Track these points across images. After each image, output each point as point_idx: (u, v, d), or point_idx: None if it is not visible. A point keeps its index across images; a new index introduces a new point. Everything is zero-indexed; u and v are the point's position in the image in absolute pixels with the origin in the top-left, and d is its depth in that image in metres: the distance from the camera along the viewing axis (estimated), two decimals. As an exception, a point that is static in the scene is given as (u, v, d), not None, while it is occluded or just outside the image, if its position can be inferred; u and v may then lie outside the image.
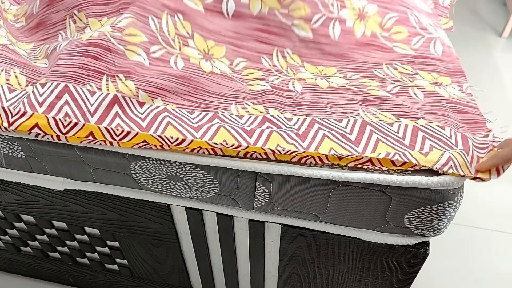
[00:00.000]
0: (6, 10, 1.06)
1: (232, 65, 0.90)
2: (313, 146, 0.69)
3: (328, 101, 0.81)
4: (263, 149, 0.67)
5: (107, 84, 0.77)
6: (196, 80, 0.83)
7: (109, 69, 0.79)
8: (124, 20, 0.85)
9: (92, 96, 0.75)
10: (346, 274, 0.86)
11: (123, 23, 0.84)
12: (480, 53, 2.22)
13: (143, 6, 0.88)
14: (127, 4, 0.91)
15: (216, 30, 0.94)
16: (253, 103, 0.81)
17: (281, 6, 0.95)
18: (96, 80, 0.77)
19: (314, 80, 0.87)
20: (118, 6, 0.92)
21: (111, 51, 0.81)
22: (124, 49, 0.82)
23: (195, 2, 0.95)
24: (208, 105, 0.80)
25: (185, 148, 0.69)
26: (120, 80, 0.78)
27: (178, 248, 0.94)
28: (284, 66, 0.90)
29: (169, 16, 0.90)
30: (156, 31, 0.87)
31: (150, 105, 0.77)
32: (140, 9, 0.87)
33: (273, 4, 0.96)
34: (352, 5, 0.98)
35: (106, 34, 0.82)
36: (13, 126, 0.70)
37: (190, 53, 0.89)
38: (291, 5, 0.95)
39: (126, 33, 0.83)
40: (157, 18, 0.88)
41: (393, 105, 0.78)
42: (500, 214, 1.46)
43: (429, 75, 0.88)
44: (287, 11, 0.96)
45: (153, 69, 0.82)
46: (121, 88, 0.77)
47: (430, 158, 0.64)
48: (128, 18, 0.85)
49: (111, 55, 0.81)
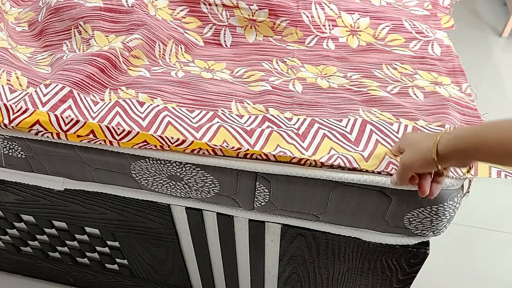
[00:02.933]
0: (7, 12, 1.06)
1: (233, 73, 0.92)
2: (313, 146, 0.69)
3: (328, 101, 0.81)
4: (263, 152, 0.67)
5: (110, 95, 0.80)
6: (196, 84, 0.85)
7: (112, 84, 0.83)
8: (134, 41, 0.89)
9: (95, 106, 0.77)
10: (346, 274, 0.86)
11: (133, 43, 0.89)
12: (480, 53, 2.22)
13: (152, 31, 0.93)
14: (137, 25, 0.94)
15: (216, 55, 0.99)
16: (253, 102, 0.81)
17: (275, 33, 1.03)
18: (100, 92, 0.80)
19: (315, 80, 0.87)
20: (128, 26, 0.95)
21: (116, 68, 0.85)
22: (127, 69, 0.87)
23: (195, 37, 1.01)
24: (208, 103, 0.80)
25: (185, 149, 0.69)
26: (122, 91, 0.81)
27: (178, 248, 0.94)
28: (285, 69, 0.92)
29: (174, 44, 0.96)
30: (158, 57, 0.92)
31: (150, 104, 0.77)
32: (150, 33, 0.92)
33: (266, 32, 1.03)
34: (343, 23, 1.02)
35: (116, 49, 0.86)
36: (14, 123, 0.70)
37: (191, 69, 0.92)
38: (284, 31, 1.02)
39: (132, 54, 0.88)
40: (163, 45, 0.94)
41: (393, 105, 0.78)
42: (500, 214, 1.46)
43: (429, 75, 0.88)
44: (280, 37, 1.02)
45: (154, 78, 0.86)
46: (122, 95, 0.80)
47: None
48: (138, 40, 0.90)
49: (115, 71, 0.85)
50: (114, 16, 0.97)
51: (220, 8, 1.03)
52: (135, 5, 0.98)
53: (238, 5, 1.02)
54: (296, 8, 1.02)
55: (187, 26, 1.03)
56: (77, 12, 0.95)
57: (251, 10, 1.02)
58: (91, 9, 0.95)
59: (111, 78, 0.84)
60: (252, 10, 1.02)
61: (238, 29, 1.03)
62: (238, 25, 1.03)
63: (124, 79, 0.85)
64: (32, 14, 1.05)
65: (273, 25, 1.02)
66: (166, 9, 1.04)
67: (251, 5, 1.02)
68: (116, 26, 0.96)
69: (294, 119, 0.75)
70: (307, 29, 1.01)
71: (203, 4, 1.04)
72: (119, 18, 0.97)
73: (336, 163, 0.65)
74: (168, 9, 1.05)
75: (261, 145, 0.69)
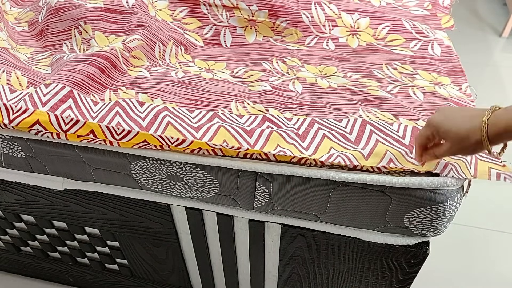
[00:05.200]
0: (7, 12, 1.06)
1: (233, 73, 0.92)
2: (313, 146, 0.69)
3: (328, 101, 0.81)
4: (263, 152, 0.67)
5: (110, 95, 0.80)
6: (196, 84, 0.85)
7: (112, 84, 0.83)
8: (134, 41, 0.89)
9: (95, 106, 0.77)
10: (346, 274, 0.86)
11: (133, 43, 0.89)
12: (480, 53, 2.22)
13: (153, 32, 0.93)
14: (137, 26, 0.94)
15: (216, 55, 0.99)
16: (253, 102, 0.81)
17: (275, 34, 1.03)
18: (100, 92, 0.80)
19: (315, 80, 0.87)
20: (128, 27, 0.96)
21: (116, 68, 0.85)
22: (127, 69, 0.87)
23: (195, 38, 1.02)
24: (208, 103, 0.80)
25: (185, 149, 0.69)
26: (122, 91, 0.81)
27: (178, 248, 0.94)
28: (285, 69, 0.92)
29: (174, 45, 0.96)
30: (158, 57, 0.93)
31: (150, 104, 0.77)
32: (150, 34, 0.93)
33: (266, 33, 1.03)
34: (343, 23, 1.02)
35: (116, 50, 0.86)
36: (14, 122, 0.70)
37: (191, 69, 0.92)
38: (284, 31, 1.02)
39: (132, 55, 0.89)
40: (163, 46, 0.94)
41: (393, 105, 0.78)
42: (500, 214, 1.46)
43: (429, 75, 0.88)
44: (280, 37, 1.02)
45: (154, 78, 0.86)
46: (122, 95, 0.80)
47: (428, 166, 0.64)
48: (138, 40, 0.90)
49: (115, 72, 0.85)
50: (114, 17, 0.97)
51: (220, 9, 1.03)
52: (135, 6, 0.98)
53: (238, 5, 1.02)
54: (296, 8, 1.02)
55: (187, 26, 1.03)
56: (78, 12, 0.95)
57: (251, 11, 1.02)
58: (91, 10, 0.95)
59: (111, 78, 0.84)
60: (252, 11, 1.02)
61: (238, 29, 1.03)
62: (238, 26, 1.03)
63: (124, 79, 0.85)
64: (32, 14, 1.05)
65: (273, 25, 1.02)
66: (166, 10, 1.04)
67: (251, 6, 1.02)
68: (117, 27, 0.96)
69: (294, 119, 0.75)
70: (307, 29, 1.01)
71: (203, 5, 1.04)
72: (119, 18, 0.97)
73: (336, 162, 0.65)
74: (168, 10, 1.05)
75: (261, 145, 0.69)
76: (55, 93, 0.75)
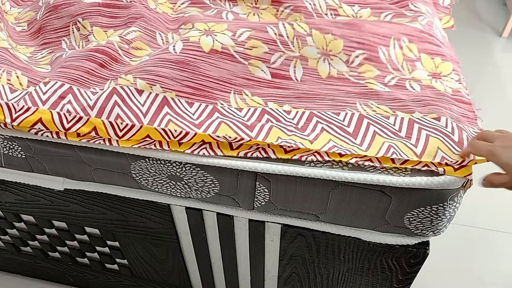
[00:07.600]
0: (7, 12, 1.06)
1: (235, 36, 0.86)
2: (311, 136, 0.70)
3: (326, 93, 0.81)
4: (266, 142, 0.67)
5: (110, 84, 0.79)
6: (194, 65, 0.81)
7: (113, 76, 0.82)
8: (132, 33, 0.89)
9: (93, 95, 0.76)
10: (346, 274, 0.86)
11: (131, 36, 0.88)
12: (480, 53, 2.21)
13: (150, 23, 0.92)
14: (134, 19, 0.94)
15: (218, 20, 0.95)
16: (251, 94, 0.80)
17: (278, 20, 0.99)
18: (101, 85, 0.79)
19: (316, 63, 0.85)
20: (125, 20, 0.95)
21: (118, 61, 0.84)
22: (130, 61, 0.85)
23: None
24: (207, 93, 0.79)
25: (186, 143, 0.69)
26: (121, 78, 0.79)
27: (178, 248, 0.94)
28: (291, 35, 0.86)
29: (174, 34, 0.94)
30: (162, 44, 0.91)
31: (149, 93, 0.75)
32: (147, 24, 0.92)
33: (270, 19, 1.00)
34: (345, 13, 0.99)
35: (114, 43, 0.85)
36: (17, 121, 0.70)
37: (190, 34, 0.87)
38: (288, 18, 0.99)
39: (133, 46, 0.87)
40: (164, 34, 0.93)
41: (390, 99, 0.78)
42: (500, 214, 1.46)
43: (431, 61, 0.86)
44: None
45: (151, 58, 0.83)
46: (120, 82, 0.77)
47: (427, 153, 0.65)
48: (136, 32, 0.89)
49: (117, 65, 0.84)
50: (112, 11, 0.96)
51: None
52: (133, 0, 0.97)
53: None
54: None
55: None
56: (76, 8, 0.95)
57: None
58: (89, 5, 0.95)
59: (112, 71, 0.83)
60: None
61: (241, 16, 1.01)
62: (241, 13, 1.01)
63: (125, 70, 0.83)
64: (32, 13, 1.05)
65: (276, 12, 1.01)
66: (167, 3, 1.04)
67: None
68: (115, 21, 0.95)
69: (292, 113, 0.76)
70: (310, 16, 0.99)
71: None
72: (117, 13, 0.96)
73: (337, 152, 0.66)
74: (169, 3, 1.04)
75: (263, 138, 0.70)
76: (54, 91, 0.75)
